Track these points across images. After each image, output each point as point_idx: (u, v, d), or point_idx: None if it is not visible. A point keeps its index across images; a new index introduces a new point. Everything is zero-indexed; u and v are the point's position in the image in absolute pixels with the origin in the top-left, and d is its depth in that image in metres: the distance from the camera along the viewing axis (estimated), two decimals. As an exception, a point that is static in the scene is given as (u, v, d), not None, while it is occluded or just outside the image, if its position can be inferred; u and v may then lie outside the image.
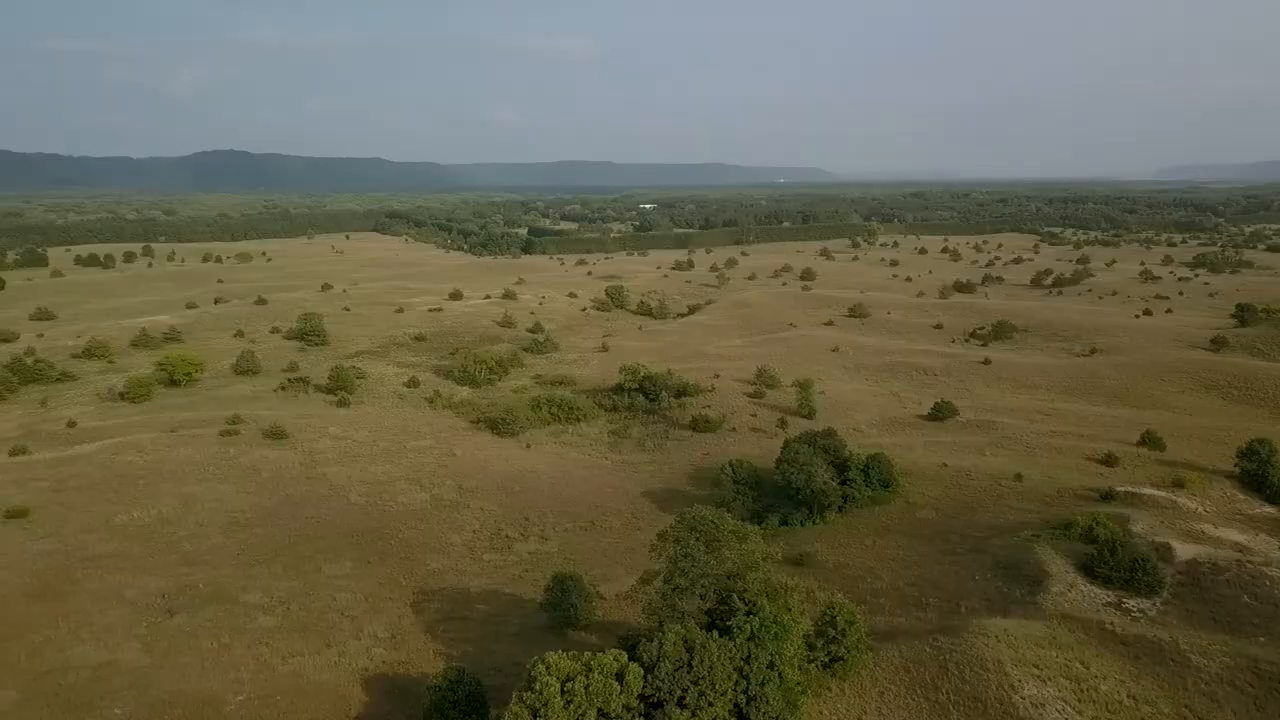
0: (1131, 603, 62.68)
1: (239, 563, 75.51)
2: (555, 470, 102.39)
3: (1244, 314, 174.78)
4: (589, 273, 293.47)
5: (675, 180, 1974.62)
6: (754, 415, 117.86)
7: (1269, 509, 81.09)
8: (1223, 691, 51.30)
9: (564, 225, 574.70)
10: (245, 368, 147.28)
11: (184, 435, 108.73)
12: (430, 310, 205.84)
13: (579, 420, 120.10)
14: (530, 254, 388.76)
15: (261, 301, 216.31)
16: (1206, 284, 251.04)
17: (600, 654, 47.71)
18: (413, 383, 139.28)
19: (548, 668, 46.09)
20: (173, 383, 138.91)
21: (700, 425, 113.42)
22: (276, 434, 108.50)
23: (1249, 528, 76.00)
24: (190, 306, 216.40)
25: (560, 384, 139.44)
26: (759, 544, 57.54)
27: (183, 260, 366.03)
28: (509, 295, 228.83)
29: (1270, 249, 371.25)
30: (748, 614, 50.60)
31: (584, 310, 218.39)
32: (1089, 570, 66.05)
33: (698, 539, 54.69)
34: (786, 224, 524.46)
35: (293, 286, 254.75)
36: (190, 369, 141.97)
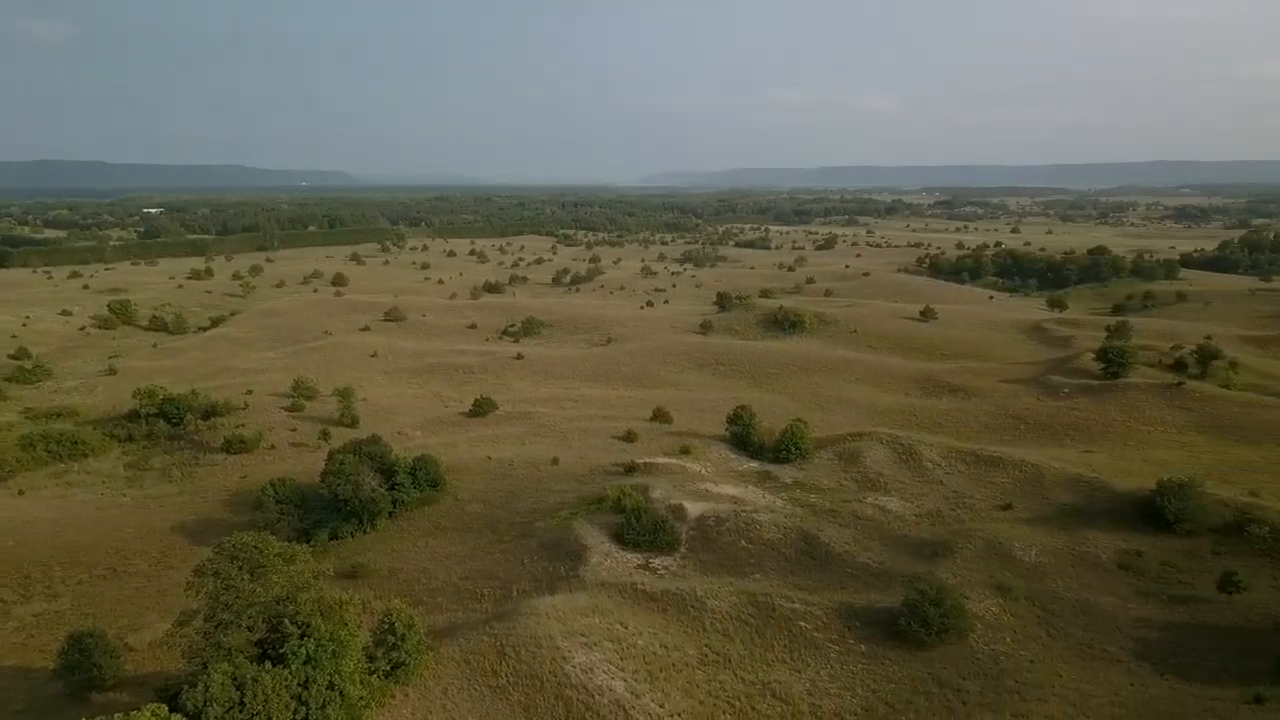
0: (657, 561, 71.23)
1: None
2: (60, 516, 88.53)
3: (723, 301, 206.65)
4: (86, 286, 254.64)
5: (187, 183, 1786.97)
6: (294, 430, 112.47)
7: (753, 464, 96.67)
8: (732, 627, 60.48)
9: (49, 234, 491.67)
10: None
11: None
12: None
13: (86, 456, 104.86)
14: (6, 268, 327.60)
15: None
16: (693, 277, 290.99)
17: (135, 712, 42.87)
18: None
19: (69, 742, 40.37)
20: None
21: (235, 446, 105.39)
22: None
23: (740, 482, 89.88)
24: None
25: (58, 416, 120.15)
26: (309, 563, 55.47)
27: None
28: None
29: (738, 245, 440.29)
30: (301, 637, 48.78)
31: (83, 329, 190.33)
32: (620, 538, 73.64)
33: (240, 568, 51.35)
34: (313, 228, 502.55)
35: None
36: None
